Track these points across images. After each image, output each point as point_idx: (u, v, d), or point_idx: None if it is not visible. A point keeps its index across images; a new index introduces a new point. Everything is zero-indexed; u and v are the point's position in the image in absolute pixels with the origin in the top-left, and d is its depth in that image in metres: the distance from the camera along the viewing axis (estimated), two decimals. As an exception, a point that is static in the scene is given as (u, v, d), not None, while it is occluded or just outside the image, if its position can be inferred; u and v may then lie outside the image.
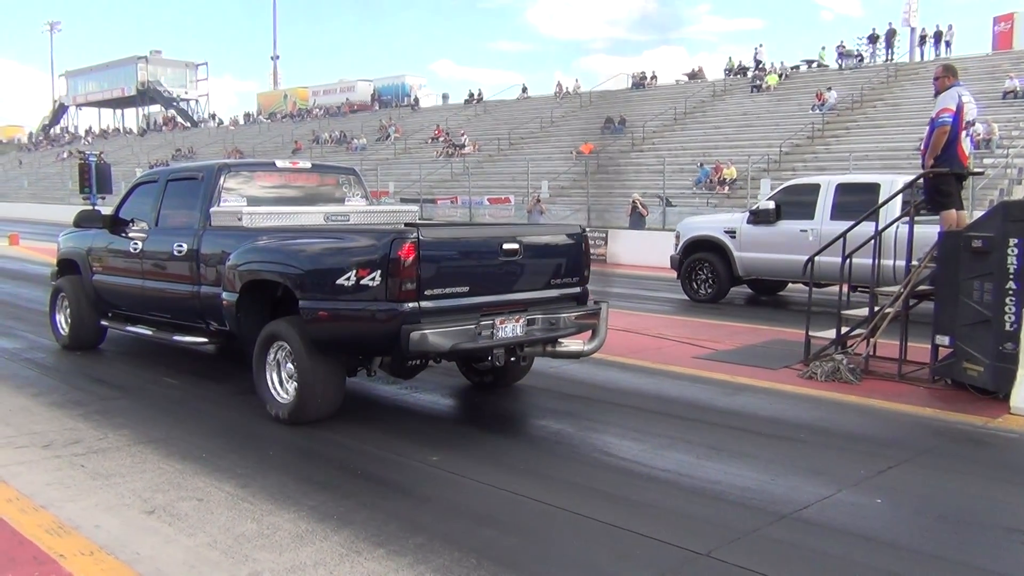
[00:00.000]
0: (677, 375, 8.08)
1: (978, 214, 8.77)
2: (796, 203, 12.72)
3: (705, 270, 13.77)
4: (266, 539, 4.17)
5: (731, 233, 13.39)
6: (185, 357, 8.59)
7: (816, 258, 11.85)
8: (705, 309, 13.03)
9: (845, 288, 9.04)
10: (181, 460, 5.37)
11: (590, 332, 6.73)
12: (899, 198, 11.03)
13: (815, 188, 12.67)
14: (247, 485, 4.92)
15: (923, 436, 6.27)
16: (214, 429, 6.16)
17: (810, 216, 12.34)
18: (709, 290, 13.70)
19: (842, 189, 12.29)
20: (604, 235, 23.63)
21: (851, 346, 8.23)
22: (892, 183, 11.57)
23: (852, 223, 8.75)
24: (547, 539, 4.26)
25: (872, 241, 8.36)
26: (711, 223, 14.33)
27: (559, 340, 6.66)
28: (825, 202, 12.23)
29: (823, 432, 6.28)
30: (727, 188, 27.71)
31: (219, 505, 4.62)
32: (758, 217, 12.99)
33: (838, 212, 11.91)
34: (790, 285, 14.20)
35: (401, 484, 5.06)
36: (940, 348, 7.51)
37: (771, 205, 12.91)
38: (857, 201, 11.69)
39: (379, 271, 5.60)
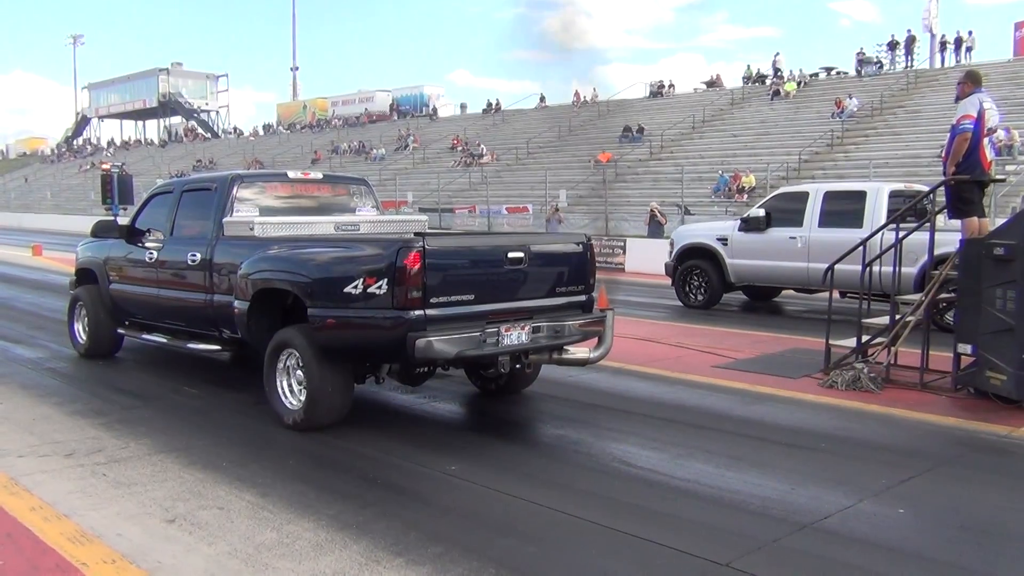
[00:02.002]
0: (696, 384, 8.05)
1: (1000, 221, 8.71)
2: (785, 211, 12.85)
3: (698, 277, 13.92)
4: (286, 548, 4.19)
5: (723, 240, 13.51)
6: (205, 366, 8.65)
7: (807, 266, 12.10)
8: (722, 317, 13.01)
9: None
10: (202, 469, 5.40)
11: (596, 339, 6.75)
12: (885, 207, 11.28)
13: (804, 196, 12.81)
14: (267, 494, 4.94)
15: (945, 445, 6.21)
16: (234, 438, 6.19)
17: (799, 223, 12.48)
18: (702, 296, 13.84)
19: (830, 197, 12.45)
20: (622, 244, 23.58)
21: (872, 355, 8.17)
22: (878, 191, 11.85)
23: (873, 231, 8.75)
24: (566, 549, 4.25)
25: (892, 249, 8.31)
26: (704, 231, 14.51)
27: (565, 347, 6.69)
28: (813, 210, 12.37)
29: (844, 441, 6.23)
30: (746, 196, 27.59)
31: (239, 514, 4.64)
32: (749, 225, 13.12)
33: (826, 219, 12.15)
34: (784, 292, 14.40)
35: (420, 493, 5.06)
36: (962, 357, 7.44)
37: (761, 213, 13.02)
38: (844, 209, 12.00)
39: (386, 279, 5.66)
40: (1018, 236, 6.89)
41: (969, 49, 36.20)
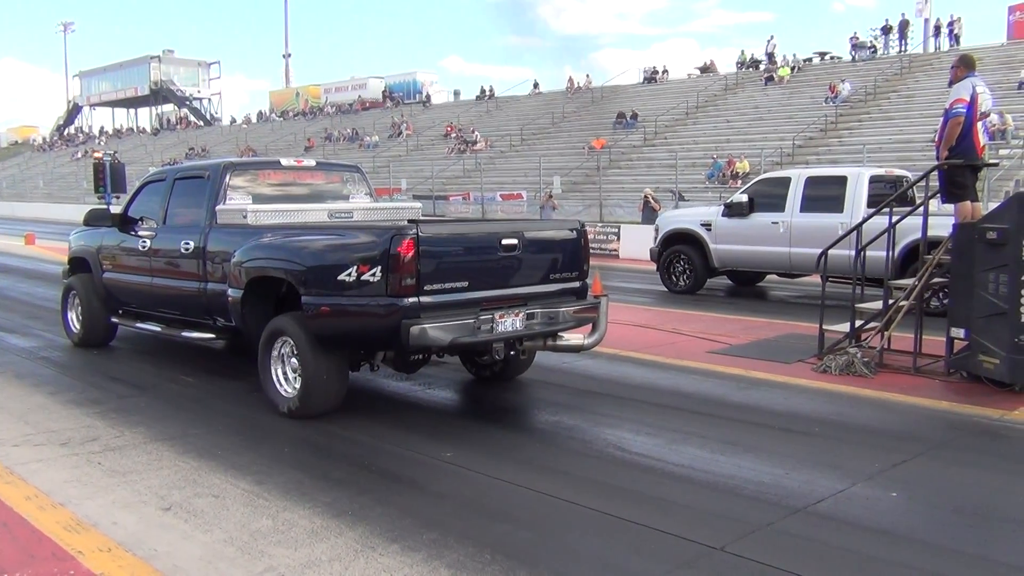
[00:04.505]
0: (692, 370, 8.07)
1: (993, 206, 8.73)
2: (768, 196, 12.97)
3: (682, 262, 14.04)
4: (282, 535, 4.20)
5: (707, 226, 13.62)
6: (200, 355, 8.64)
7: (789, 250, 12.23)
8: (716, 303, 13.08)
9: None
10: (197, 457, 5.40)
11: (590, 326, 6.76)
12: (866, 192, 11.42)
13: (786, 181, 12.91)
14: (263, 482, 4.95)
15: (938, 429, 6.25)
16: (230, 426, 6.20)
17: (781, 208, 12.58)
18: (687, 281, 13.95)
19: (811, 182, 12.55)
20: (616, 230, 23.58)
21: (865, 339, 8.19)
22: (859, 176, 11.99)
23: (868, 215, 8.82)
24: (561, 534, 4.27)
25: (886, 234, 8.34)
26: (688, 216, 14.64)
27: (559, 334, 6.70)
28: (795, 195, 12.48)
29: (838, 426, 6.25)
30: (740, 182, 27.55)
31: (235, 502, 4.65)
32: (732, 210, 13.23)
33: (807, 205, 12.26)
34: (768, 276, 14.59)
35: (415, 480, 5.08)
36: (955, 341, 7.46)
37: (744, 198, 13.12)
38: (825, 194, 12.14)
39: (379, 267, 5.66)
40: (1010, 220, 6.90)
41: (957, 36, 35.98)
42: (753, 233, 12.89)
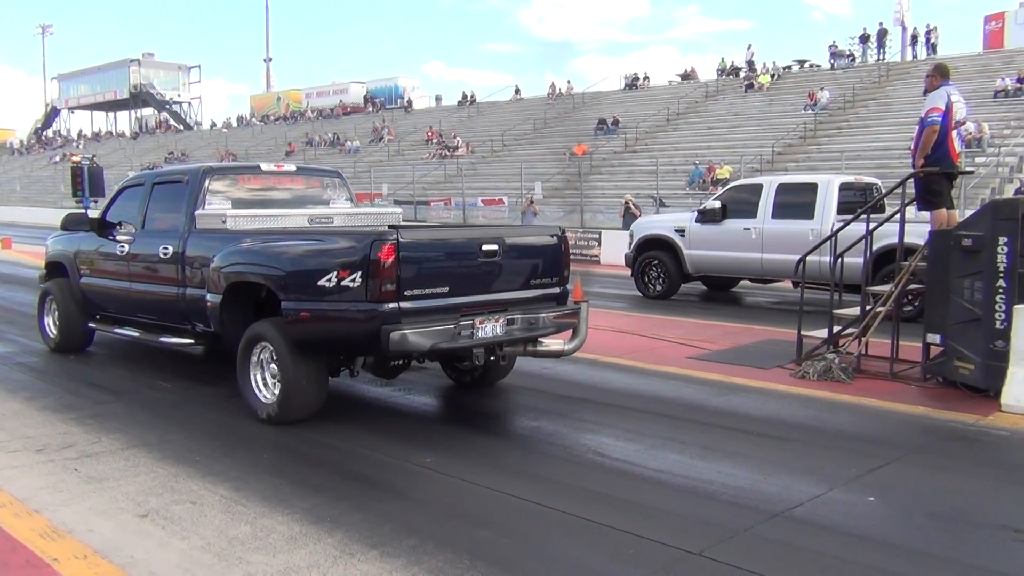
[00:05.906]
0: (671, 375, 8.11)
1: (969, 213, 8.83)
2: (740, 202, 13.13)
3: (656, 267, 14.15)
4: (260, 542, 4.18)
5: (681, 232, 13.76)
6: (178, 360, 8.58)
7: (761, 256, 12.37)
8: (696, 309, 13.14)
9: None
10: (175, 464, 5.37)
11: (570, 331, 6.78)
12: (836, 198, 11.60)
13: (758, 188, 13.08)
14: (241, 488, 4.93)
15: (914, 434, 6.30)
16: (208, 432, 6.16)
17: (753, 215, 12.73)
18: (661, 287, 14.07)
19: (782, 189, 12.72)
20: (597, 236, 23.64)
21: (843, 345, 8.26)
22: (828, 183, 12.19)
23: (843, 223, 8.89)
24: (540, 540, 4.27)
25: (864, 240, 8.41)
26: (662, 222, 14.80)
27: (539, 339, 6.72)
28: (767, 202, 12.65)
29: (815, 431, 6.30)
30: (720, 188, 27.69)
31: (213, 508, 4.62)
32: (705, 216, 13.38)
33: (779, 211, 12.43)
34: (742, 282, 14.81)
35: (395, 486, 5.07)
36: (931, 347, 7.55)
37: (717, 205, 13.28)
38: (796, 201, 12.34)
39: (359, 272, 5.65)
40: (985, 227, 6.99)
41: (934, 44, 36.37)
42: (726, 239, 13.04)
